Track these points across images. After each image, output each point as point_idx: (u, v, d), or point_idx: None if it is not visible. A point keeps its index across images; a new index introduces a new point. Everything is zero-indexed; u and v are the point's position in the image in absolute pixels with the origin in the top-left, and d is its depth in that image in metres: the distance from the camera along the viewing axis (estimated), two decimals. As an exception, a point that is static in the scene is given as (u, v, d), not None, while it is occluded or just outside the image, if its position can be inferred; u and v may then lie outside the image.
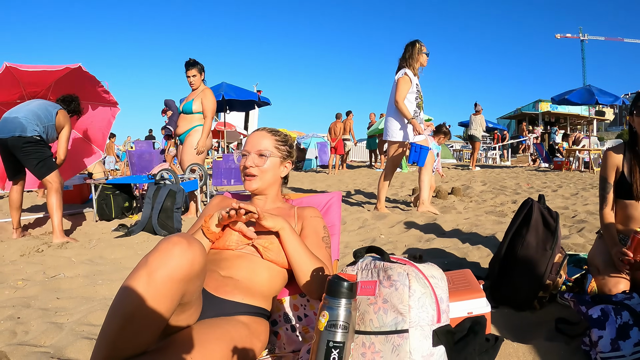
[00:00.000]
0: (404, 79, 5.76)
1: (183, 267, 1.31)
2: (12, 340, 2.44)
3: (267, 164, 2.09)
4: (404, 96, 5.75)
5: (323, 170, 17.47)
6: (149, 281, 1.28)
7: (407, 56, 5.91)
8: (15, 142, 4.65)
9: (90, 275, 3.61)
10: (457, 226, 5.12)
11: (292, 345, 1.88)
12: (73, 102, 5.37)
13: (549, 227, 2.67)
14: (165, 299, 1.30)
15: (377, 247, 1.70)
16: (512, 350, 2.04)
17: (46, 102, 5.07)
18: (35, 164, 4.76)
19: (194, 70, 5.94)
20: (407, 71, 5.81)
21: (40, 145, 4.78)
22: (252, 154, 2.08)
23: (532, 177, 11.52)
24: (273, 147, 2.13)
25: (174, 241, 1.34)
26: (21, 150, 4.69)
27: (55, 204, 4.85)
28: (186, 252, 1.33)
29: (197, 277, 1.38)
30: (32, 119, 4.73)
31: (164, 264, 1.30)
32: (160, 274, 1.29)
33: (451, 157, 20.89)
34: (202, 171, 6.10)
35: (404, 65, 5.89)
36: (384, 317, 1.47)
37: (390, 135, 6.08)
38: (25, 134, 4.65)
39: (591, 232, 4.45)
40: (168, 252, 1.32)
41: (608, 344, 1.88)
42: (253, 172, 2.07)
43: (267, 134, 2.16)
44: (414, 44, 5.91)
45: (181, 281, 1.32)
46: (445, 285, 1.60)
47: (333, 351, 1.33)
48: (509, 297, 2.66)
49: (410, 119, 5.77)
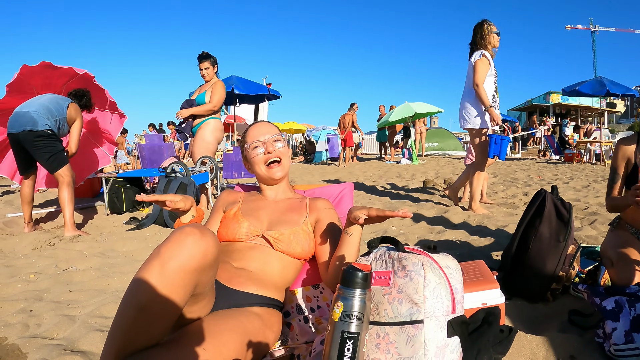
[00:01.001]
0: (483, 61, 5.27)
1: (196, 257, 1.31)
2: (24, 333, 2.45)
3: (286, 149, 2.12)
4: (484, 79, 5.27)
5: (333, 162, 17.48)
6: (161, 272, 1.28)
7: (478, 38, 5.43)
8: (27, 137, 4.67)
9: (102, 268, 3.62)
10: (468, 218, 5.10)
11: (305, 337, 1.88)
12: (84, 97, 5.37)
13: (562, 219, 2.64)
14: (178, 290, 1.30)
15: (391, 237, 1.68)
16: (525, 342, 2.03)
17: (57, 95, 5.07)
18: (47, 158, 4.78)
19: (206, 62, 5.96)
20: (485, 52, 5.31)
21: (52, 139, 4.80)
22: (269, 141, 2.08)
23: (543, 169, 11.47)
24: (280, 134, 2.15)
25: (187, 232, 1.33)
26: (33, 145, 4.71)
27: (66, 197, 4.88)
28: (199, 243, 1.32)
29: (210, 267, 1.37)
30: (43, 112, 4.74)
31: (176, 255, 1.29)
32: (173, 264, 1.28)
33: (461, 149, 20.76)
34: (212, 164, 6.10)
35: (478, 48, 5.41)
36: (398, 307, 1.46)
37: (468, 122, 5.50)
38: (37, 128, 4.67)
39: (603, 224, 4.42)
40: (181, 243, 1.31)
41: (622, 336, 1.86)
42: (278, 154, 2.09)
43: (271, 124, 2.18)
44: (482, 24, 5.44)
45: (194, 272, 1.31)
46: (459, 276, 1.58)
47: (347, 342, 1.32)
48: (522, 288, 2.64)
49: (488, 107, 5.25)
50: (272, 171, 2.09)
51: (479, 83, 5.23)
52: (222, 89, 5.95)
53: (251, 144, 2.10)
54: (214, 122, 5.92)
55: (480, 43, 5.41)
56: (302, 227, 1.98)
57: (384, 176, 10.82)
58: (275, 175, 2.09)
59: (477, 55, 5.31)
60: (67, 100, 5.06)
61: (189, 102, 5.94)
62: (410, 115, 14.58)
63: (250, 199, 2.16)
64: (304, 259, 2.02)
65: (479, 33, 5.43)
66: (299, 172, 13.64)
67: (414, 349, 1.41)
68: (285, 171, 2.12)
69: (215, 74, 6.06)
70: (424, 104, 15.32)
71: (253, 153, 2.10)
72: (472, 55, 5.47)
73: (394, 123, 15.34)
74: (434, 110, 15.78)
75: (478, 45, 5.42)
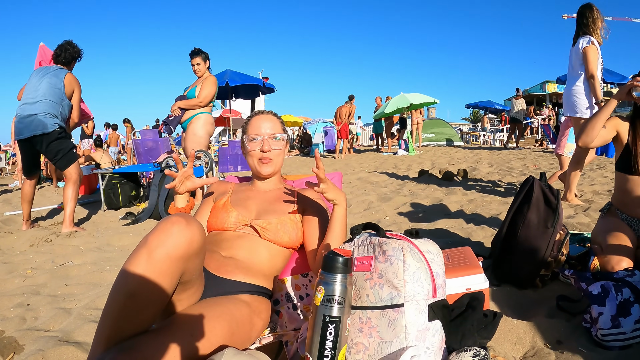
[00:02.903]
0: (592, 48, 4.74)
1: (182, 245, 1.34)
2: (21, 326, 2.50)
3: (282, 148, 2.13)
4: (597, 68, 4.77)
5: (330, 154, 17.48)
6: (149, 259, 1.31)
7: (587, 22, 4.87)
8: (39, 140, 4.78)
9: (98, 262, 3.66)
10: (462, 207, 5.13)
11: (293, 324, 1.91)
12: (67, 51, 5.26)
13: (550, 205, 2.66)
14: (165, 277, 1.33)
15: (373, 224, 1.71)
16: (512, 327, 2.06)
17: (52, 78, 4.99)
18: (59, 158, 4.90)
19: (197, 58, 6.00)
20: (593, 39, 4.80)
21: (63, 138, 4.90)
22: (267, 138, 2.10)
23: (539, 158, 11.46)
24: (281, 129, 2.16)
25: (173, 220, 1.37)
26: (46, 147, 4.83)
27: (71, 194, 4.97)
28: (184, 231, 1.35)
29: (196, 255, 1.40)
30: (49, 111, 4.79)
31: (163, 243, 1.33)
32: (160, 252, 1.32)
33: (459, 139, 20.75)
34: (207, 158, 6.12)
35: (587, 32, 4.86)
36: (379, 292, 1.49)
37: (577, 112, 4.96)
38: (47, 130, 4.75)
39: (596, 211, 4.44)
40: (167, 231, 1.35)
41: (608, 320, 1.88)
42: (271, 156, 2.10)
43: (274, 117, 2.19)
44: (591, 7, 4.89)
45: (180, 259, 1.35)
46: (441, 261, 1.61)
47: (329, 326, 1.36)
48: (511, 275, 2.67)
49: (599, 101, 4.59)
50: (263, 167, 2.11)
51: (594, 74, 4.74)
52: (212, 85, 5.98)
53: (250, 136, 2.12)
54: (204, 117, 5.96)
55: (590, 27, 4.87)
56: (289, 217, 2.00)
57: (381, 167, 10.83)
58: (264, 171, 2.12)
59: (585, 42, 4.81)
60: (60, 75, 5.02)
61: (182, 97, 5.97)
62: (406, 106, 14.57)
63: (240, 189, 2.18)
64: (292, 247, 2.05)
65: (589, 16, 4.89)
66: (296, 164, 13.65)
67: (395, 333, 1.44)
68: (275, 168, 2.14)
69: (208, 69, 6.10)
70: (419, 95, 15.30)
71: (250, 145, 2.12)
72: (577, 41, 4.94)
73: (389, 114, 15.32)
74: (429, 101, 15.76)
75: (585, 30, 4.89)
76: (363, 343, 1.49)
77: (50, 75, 4.98)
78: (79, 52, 5.35)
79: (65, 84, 4.99)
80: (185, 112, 5.96)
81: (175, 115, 5.90)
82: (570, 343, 1.95)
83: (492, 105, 27.31)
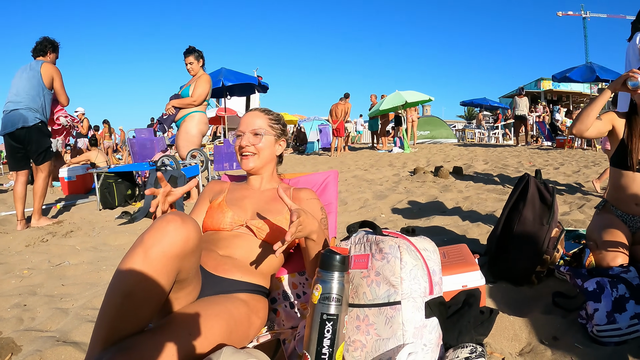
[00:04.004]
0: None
1: (177, 243, 1.34)
2: (19, 326, 2.49)
3: (263, 142, 2.12)
4: None
5: (325, 152, 17.48)
6: (145, 258, 1.31)
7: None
8: (21, 133, 5.01)
9: (95, 261, 3.66)
10: (458, 204, 5.15)
11: (290, 322, 1.92)
12: (40, 43, 5.39)
13: (545, 202, 2.67)
14: (161, 275, 1.33)
15: (370, 222, 1.72)
16: (508, 324, 2.07)
17: (29, 72, 5.14)
18: (38, 153, 5.13)
19: (191, 57, 6.01)
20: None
21: (43, 133, 5.15)
22: (247, 133, 2.10)
23: (534, 155, 11.51)
24: (267, 125, 2.15)
25: (168, 219, 1.37)
26: (27, 139, 5.05)
27: (40, 188, 5.26)
28: (180, 229, 1.35)
29: (192, 253, 1.41)
30: (30, 105, 5.02)
31: (158, 241, 1.33)
32: (156, 250, 1.32)
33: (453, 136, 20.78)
34: (203, 156, 6.12)
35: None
36: (376, 289, 1.50)
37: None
38: (28, 124, 4.99)
39: (591, 208, 4.46)
40: (162, 230, 1.35)
41: (604, 316, 1.89)
42: (250, 150, 2.10)
43: (260, 113, 2.18)
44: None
45: (176, 257, 1.35)
46: (437, 258, 1.62)
47: (327, 323, 1.36)
48: (507, 271, 2.68)
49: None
50: (244, 162, 2.12)
51: None
52: (206, 83, 5.97)
53: (236, 132, 2.14)
54: (198, 116, 5.96)
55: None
56: (285, 216, 2.00)
57: (376, 165, 10.85)
58: (244, 165, 2.12)
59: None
60: (37, 65, 5.15)
61: (176, 96, 5.97)
62: (401, 104, 14.58)
63: (235, 189, 2.18)
64: (289, 246, 2.05)
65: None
66: (291, 162, 13.64)
67: (393, 330, 1.45)
68: (257, 163, 2.13)
69: (202, 68, 6.09)
70: (414, 93, 15.31)
71: (236, 142, 2.14)
72: (634, 36, 4.65)
73: (384, 112, 15.34)
74: (424, 99, 15.77)
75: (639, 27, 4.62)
76: (361, 340, 1.50)
77: (28, 70, 5.14)
78: (52, 42, 5.45)
79: (43, 74, 5.13)
80: (180, 110, 5.96)
81: (169, 114, 5.90)
82: (566, 339, 1.97)
83: (486, 103, 27.30)
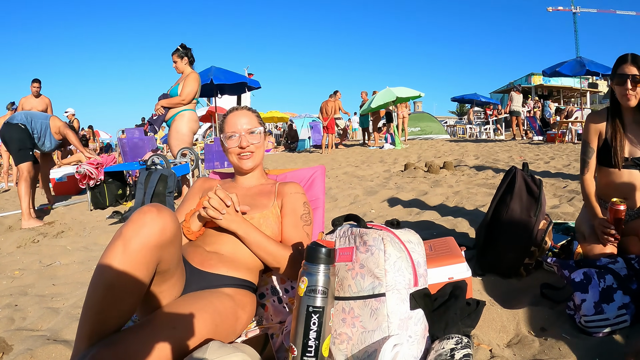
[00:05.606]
0: None
1: (155, 234, 1.38)
2: (10, 326, 2.50)
3: (259, 141, 2.13)
4: None
5: (316, 150, 17.49)
6: (124, 250, 1.35)
7: None
8: (4, 128, 5.52)
9: (85, 261, 3.66)
10: (447, 199, 5.16)
11: (279, 317, 1.93)
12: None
13: (532, 194, 2.68)
14: (141, 266, 1.37)
15: (354, 215, 1.73)
16: (496, 315, 2.08)
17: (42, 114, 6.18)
18: (16, 150, 5.54)
19: (174, 56, 6.01)
20: None
21: (24, 133, 5.60)
22: (244, 133, 2.11)
23: (525, 150, 11.53)
24: (258, 123, 2.17)
25: (145, 210, 1.41)
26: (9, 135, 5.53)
27: (23, 190, 5.48)
28: (156, 220, 1.39)
29: (171, 243, 1.44)
30: (23, 115, 5.71)
31: (137, 233, 1.37)
32: (135, 242, 1.36)
33: (444, 132, 20.84)
34: (193, 155, 6.12)
35: None
36: (361, 282, 1.51)
37: None
38: (13, 122, 5.52)
39: (581, 201, 4.48)
40: (140, 221, 1.38)
41: (591, 307, 1.90)
42: (251, 149, 2.11)
43: (248, 112, 2.19)
44: None
45: (155, 247, 1.38)
46: (422, 250, 1.63)
47: (313, 316, 1.37)
48: (495, 264, 2.69)
49: None
50: (243, 162, 2.12)
51: None
52: (194, 82, 5.96)
53: (227, 134, 2.12)
54: (188, 114, 5.95)
55: None
56: (271, 211, 2.02)
57: (367, 161, 10.86)
58: (245, 166, 2.12)
59: None
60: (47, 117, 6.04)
61: (165, 95, 5.96)
62: (392, 100, 14.60)
63: (224, 186, 2.19)
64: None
65: None
66: (282, 160, 13.65)
67: (378, 322, 1.46)
68: (256, 161, 2.15)
69: (190, 65, 6.07)
70: (405, 89, 15.32)
71: (228, 143, 2.12)
72: None
73: (376, 109, 15.36)
74: (415, 95, 15.79)
75: None
76: (346, 333, 1.51)
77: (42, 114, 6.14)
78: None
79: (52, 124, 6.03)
80: (169, 110, 5.96)
81: (158, 114, 5.89)
82: (554, 330, 1.98)
83: (477, 98, 27.34)
